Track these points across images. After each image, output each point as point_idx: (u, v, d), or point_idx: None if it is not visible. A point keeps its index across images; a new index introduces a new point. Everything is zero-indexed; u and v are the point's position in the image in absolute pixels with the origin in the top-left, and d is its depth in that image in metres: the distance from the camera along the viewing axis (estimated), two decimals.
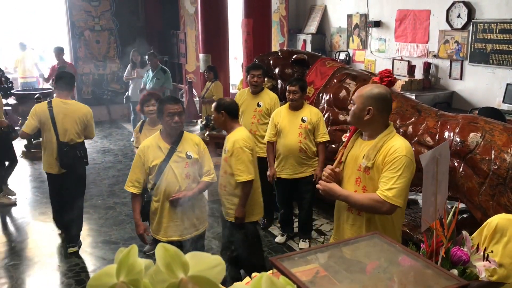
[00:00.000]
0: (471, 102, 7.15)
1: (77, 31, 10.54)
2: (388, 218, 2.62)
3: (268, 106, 5.06)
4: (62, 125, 4.49)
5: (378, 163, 2.53)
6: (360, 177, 2.61)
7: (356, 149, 2.66)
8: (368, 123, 2.58)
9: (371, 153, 2.54)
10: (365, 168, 2.56)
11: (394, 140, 2.55)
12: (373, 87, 2.65)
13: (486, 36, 6.78)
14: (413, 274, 1.45)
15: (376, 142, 2.55)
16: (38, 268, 4.47)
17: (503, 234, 1.91)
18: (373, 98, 2.55)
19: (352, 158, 2.66)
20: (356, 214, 2.65)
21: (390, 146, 2.52)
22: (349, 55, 9.47)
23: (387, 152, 2.50)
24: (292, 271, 1.39)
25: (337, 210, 2.80)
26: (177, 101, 3.40)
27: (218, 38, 8.03)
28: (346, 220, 2.70)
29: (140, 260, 0.78)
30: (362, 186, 2.60)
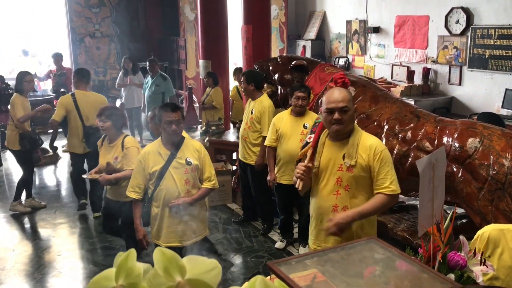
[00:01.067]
0: (470, 107, 7.17)
1: (78, 37, 10.59)
2: None
3: (258, 114, 5.08)
4: (85, 112, 5.45)
5: (362, 162, 2.67)
6: (340, 177, 2.72)
7: (329, 152, 2.76)
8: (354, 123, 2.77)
9: (352, 151, 2.68)
10: (349, 167, 2.68)
11: (367, 138, 2.76)
12: (345, 90, 2.77)
13: (485, 42, 6.81)
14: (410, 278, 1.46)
15: (353, 140, 2.70)
16: (37, 273, 4.47)
17: (496, 245, 1.92)
18: (352, 99, 2.78)
19: (327, 161, 2.74)
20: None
21: (367, 144, 2.70)
22: (349, 61, 9.51)
23: (371, 152, 2.67)
24: (289, 276, 1.40)
25: (319, 214, 2.83)
26: (175, 109, 3.37)
27: (218, 44, 8.06)
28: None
29: (139, 264, 0.80)
30: (345, 185, 2.72)
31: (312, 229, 2.93)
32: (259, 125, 5.05)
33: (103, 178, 4.01)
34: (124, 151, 4.08)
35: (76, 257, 4.80)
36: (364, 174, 2.70)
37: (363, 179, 2.71)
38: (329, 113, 2.66)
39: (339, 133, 2.71)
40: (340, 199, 2.74)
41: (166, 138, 3.40)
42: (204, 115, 7.75)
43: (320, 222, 2.83)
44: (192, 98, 10.17)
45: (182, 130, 3.44)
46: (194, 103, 10.06)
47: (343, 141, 2.73)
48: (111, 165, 4.06)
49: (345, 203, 2.74)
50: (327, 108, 2.67)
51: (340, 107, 2.63)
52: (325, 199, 2.78)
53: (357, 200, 2.74)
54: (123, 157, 4.07)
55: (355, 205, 2.73)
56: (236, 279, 4.37)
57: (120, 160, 4.08)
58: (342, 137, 2.73)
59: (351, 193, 2.73)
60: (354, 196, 2.73)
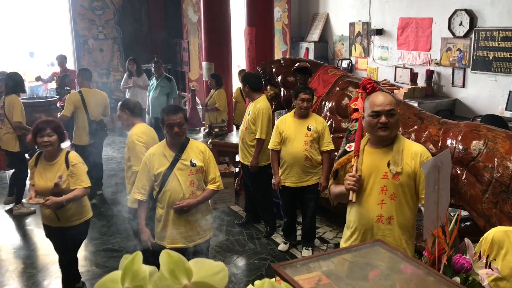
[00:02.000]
0: (473, 109, 7.15)
1: (81, 39, 10.61)
2: (412, 222, 2.66)
3: (254, 115, 5.10)
4: (91, 107, 6.04)
5: (408, 169, 2.55)
6: (385, 185, 2.57)
7: (371, 159, 2.61)
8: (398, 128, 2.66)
9: (397, 158, 2.55)
10: (395, 175, 2.54)
11: (412, 144, 2.66)
12: (388, 94, 2.69)
13: (489, 44, 6.80)
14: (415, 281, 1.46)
15: (397, 147, 2.58)
16: (41, 276, 4.47)
17: (501, 247, 1.91)
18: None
19: (370, 169, 2.60)
20: (387, 224, 2.60)
21: (413, 150, 2.58)
22: (352, 63, 9.50)
23: (417, 158, 2.55)
24: (294, 278, 1.40)
25: (361, 226, 2.67)
26: (177, 111, 3.37)
27: (221, 46, 8.07)
28: (377, 232, 2.62)
29: (145, 266, 0.79)
30: (390, 195, 2.57)
31: (352, 240, 2.74)
32: (254, 126, 5.07)
33: (51, 201, 3.53)
34: (70, 169, 3.65)
35: (79, 259, 4.79)
36: (410, 182, 2.57)
37: (409, 188, 2.58)
38: (375, 117, 2.52)
39: (385, 138, 2.57)
40: (385, 209, 2.59)
41: (170, 140, 3.41)
42: (207, 117, 7.76)
43: (363, 234, 2.67)
44: (195, 100, 10.17)
45: (186, 132, 3.44)
46: (197, 105, 10.06)
47: (386, 148, 2.60)
48: (59, 185, 3.60)
49: (390, 213, 2.59)
50: (373, 111, 2.52)
51: (387, 110, 2.51)
52: (368, 209, 2.62)
53: (403, 209, 2.61)
54: (69, 176, 3.64)
55: (401, 215, 2.60)
56: (239, 281, 4.36)
57: (66, 179, 3.63)
58: (385, 143, 2.60)
59: (397, 202, 2.58)
60: (401, 205, 2.60)
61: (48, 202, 3.52)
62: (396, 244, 2.58)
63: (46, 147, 3.63)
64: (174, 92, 8.40)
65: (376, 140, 2.62)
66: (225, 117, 7.57)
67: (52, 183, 3.58)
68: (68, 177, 3.64)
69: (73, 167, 3.66)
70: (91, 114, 6.06)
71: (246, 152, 5.17)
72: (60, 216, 3.68)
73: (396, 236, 2.61)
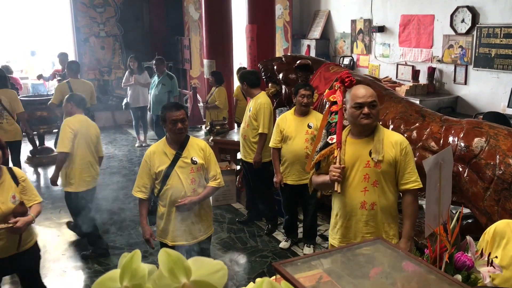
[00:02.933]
0: (475, 107, 7.14)
1: (82, 37, 10.60)
2: (395, 206, 2.85)
3: (255, 111, 5.11)
4: None
5: (389, 157, 2.73)
6: (368, 173, 2.74)
7: (353, 149, 2.79)
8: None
9: (379, 147, 2.72)
10: (376, 163, 2.71)
11: (391, 134, 2.86)
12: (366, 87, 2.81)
13: (491, 41, 6.77)
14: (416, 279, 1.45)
15: (378, 136, 2.75)
16: (44, 274, 4.47)
17: (502, 237, 1.96)
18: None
19: (352, 158, 2.77)
20: (371, 209, 2.78)
21: (393, 139, 2.77)
22: (353, 60, 9.48)
23: (397, 147, 2.75)
24: (295, 276, 1.39)
25: (346, 212, 2.85)
26: (179, 107, 3.38)
27: (222, 44, 8.06)
28: (360, 218, 2.80)
29: (144, 265, 0.79)
30: (373, 182, 2.75)
31: (337, 228, 2.92)
32: (256, 122, 5.06)
33: (22, 222, 3.07)
34: (21, 185, 3.24)
35: (80, 257, 4.80)
36: (391, 169, 2.75)
37: (390, 175, 2.77)
38: (357, 108, 2.70)
39: (368, 127, 2.75)
40: (368, 196, 2.76)
41: (171, 138, 3.41)
42: (209, 114, 7.75)
43: (348, 220, 2.85)
44: (197, 97, 10.17)
45: (188, 129, 3.44)
46: (198, 103, 10.06)
47: (367, 138, 2.77)
48: (24, 206, 3.17)
49: (373, 199, 2.76)
50: (356, 103, 2.70)
51: (369, 101, 2.70)
52: (352, 197, 2.79)
53: (385, 195, 2.78)
54: (21, 193, 3.22)
55: (383, 200, 2.77)
56: (240, 279, 4.36)
57: (19, 198, 3.18)
58: (366, 133, 2.78)
59: (380, 189, 2.76)
60: (383, 191, 2.77)
61: (19, 224, 3.03)
62: (378, 227, 2.80)
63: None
64: (175, 90, 8.42)
65: (358, 130, 2.79)
66: (226, 115, 7.56)
67: (7, 206, 3.07)
68: (21, 194, 3.20)
69: (23, 182, 3.26)
70: None
71: (248, 149, 5.17)
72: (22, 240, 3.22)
73: (378, 221, 2.80)
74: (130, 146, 9.23)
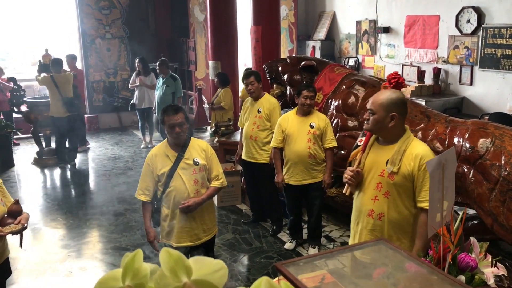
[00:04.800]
0: (481, 107, 7.11)
1: (88, 39, 10.66)
2: (410, 221, 2.66)
3: (267, 111, 5.08)
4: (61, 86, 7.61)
5: (405, 170, 2.56)
6: (381, 182, 2.63)
7: (374, 155, 2.68)
8: (392, 129, 2.61)
9: (396, 158, 2.57)
10: (390, 174, 2.58)
11: (417, 145, 2.61)
12: (390, 93, 2.65)
13: (496, 41, 6.75)
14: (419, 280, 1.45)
15: (399, 146, 2.59)
16: (49, 274, 4.51)
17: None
18: (395, 104, 2.59)
19: (371, 164, 2.68)
20: (377, 220, 2.66)
21: (415, 152, 2.56)
22: (358, 61, 9.47)
23: (416, 161, 2.55)
24: (298, 277, 1.40)
25: (356, 217, 2.80)
26: (177, 111, 3.34)
27: (227, 45, 8.07)
28: (366, 226, 2.72)
29: (146, 264, 0.80)
30: (384, 192, 2.63)
31: (351, 229, 2.88)
32: (269, 122, 5.06)
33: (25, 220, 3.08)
34: (0, 188, 3.15)
35: (86, 257, 4.83)
36: (406, 183, 2.58)
37: (405, 188, 2.60)
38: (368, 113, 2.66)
39: (372, 132, 2.69)
40: (377, 205, 2.65)
41: (172, 140, 3.41)
42: (214, 116, 7.77)
43: (356, 225, 2.79)
44: (202, 99, 10.19)
45: (187, 131, 3.43)
46: (204, 104, 10.08)
47: (391, 145, 2.63)
48: (19, 204, 3.14)
49: (381, 210, 2.64)
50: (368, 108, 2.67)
51: (368, 108, 2.64)
52: (363, 203, 2.72)
53: (397, 209, 2.62)
54: (3, 197, 3.13)
55: (393, 213, 2.62)
56: (245, 279, 4.37)
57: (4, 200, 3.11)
58: (390, 140, 2.64)
59: (391, 201, 2.62)
60: (394, 204, 2.62)
61: (23, 221, 3.04)
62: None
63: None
64: (179, 91, 8.45)
65: (381, 136, 2.69)
66: (231, 116, 7.57)
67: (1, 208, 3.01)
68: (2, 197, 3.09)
69: (1, 185, 3.15)
70: (62, 92, 7.59)
71: (260, 149, 5.11)
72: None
73: (384, 233, 2.65)
74: (136, 147, 9.26)
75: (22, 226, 3.01)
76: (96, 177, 7.56)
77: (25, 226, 3.04)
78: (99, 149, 9.10)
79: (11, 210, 3.06)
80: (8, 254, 3.21)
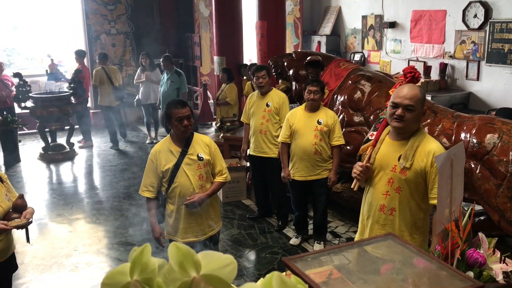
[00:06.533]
0: (488, 103, 7.06)
1: (93, 34, 10.66)
2: (421, 216, 2.66)
3: (277, 105, 5.07)
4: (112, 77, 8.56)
5: (418, 166, 2.54)
6: (393, 178, 2.61)
7: (386, 150, 2.65)
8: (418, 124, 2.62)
9: (409, 153, 2.55)
10: (403, 169, 2.56)
11: (430, 142, 2.59)
12: (418, 88, 2.61)
13: (504, 36, 6.69)
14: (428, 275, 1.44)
15: (412, 142, 2.57)
16: (56, 268, 4.52)
17: None
18: (425, 99, 2.61)
19: (383, 159, 2.65)
20: (389, 214, 2.65)
21: (428, 148, 2.55)
22: (364, 56, 9.43)
23: (429, 157, 2.52)
24: (305, 272, 1.39)
25: (366, 211, 2.77)
26: (184, 104, 3.36)
27: (233, 40, 8.05)
28: (377, 220, 2.71)
29: (154, 259, 0.79)
30: (396, 187, 2.61)
31: (360, 223, 2.87)
32: (278, 116, 5.05)
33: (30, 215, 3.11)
34: (5, 183, 3.17)
35: (92, 252, 4.84)
36: (418, 179, 2.57)
37: (416, 184, 2.58)
38: (393, 107, 2.55)
39: (399, 130, 2.59)
40: (388, 200, 2.64)
41: (177, 135, 3.40)
42: (219, 111, 7.76)
43: (367, 219, 2.78)
44: (207, 94, 10.18)
45: (193, 125, 3.43)
46: (209, 100, 10.07)
47: (403, 141, 2.60)
48: (24, 199, 3.15)
49: (393, 205, 2.63)
50: (393, 102, 2.55)
51: (405, 104, 2.50)
52: (374, 197, 2.71)
53: (408, 204, 2.62)
54: (8, 192, 3.15)
55: (404, 208, 2.62)
56: (250, 275, 4.37)
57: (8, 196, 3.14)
58: (403, 136, 2.61)
59: (402, 196, 2.61)
60: (406, 200, 2.61)
61: (29, 216, 3.07)
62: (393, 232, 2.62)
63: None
64: (183, 87, 8.44)
65: (394, 131, 2.64)
66: (236, 111, 7.56)
67: (5, 204, 3.04)
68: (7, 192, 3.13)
69: (6, 180, 3.19)
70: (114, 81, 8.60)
71: (270, 144, 5.09)
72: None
73: (396, 228, 2.64)
74: (141, 143, 9.28)
75: (27, 220, 3.03)
76: (102, 172, 7.57)
77: (30, 221, 3.06)
78: (105, 144, 9.12)
79: (16, 204, 3.08)
80: (14, 249, 3.24)
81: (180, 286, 0.74)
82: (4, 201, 3.04)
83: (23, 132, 9.13)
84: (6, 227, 2.91)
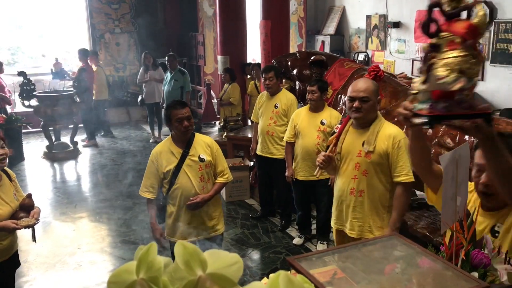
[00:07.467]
0: (492, 103, 7.03)
1: (98, 33, 10.69)
2: (387, 196, 2.97)
3: (285, 107, 5.07)
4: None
5: (380, 149, 2.88)
6: (359, 162, 2.93)
7: (351, 138, 2.97)
8: (374, 113, 2.94)
9: (371, 138, 2.89)
10: (367, 153, 2.89)
11: (389, 127, 2.95)
12: (370, 80, 2.98)
13: (508, 36, 6.67)
14: (432, 275, 1.44)
15: (373, 128, 2.91)
16: (59, 267, 4.54)
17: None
18: (378, 90, 2.95)
19: (349, 147, 2.97)
20: (358, 196, 2.97)
21: (388, 132, 2.90)
22: (368, 56, 9.41)
23: (390, 140, 2.88)
24: (309, 271, 1.39)
25: (339, 196, 3.07)
26: (183, 105, 3.35)
27: (236, 40, 8.05)
28: (349, 204, 3.01)
29: (159, 257, 0.79)
30: (363, 171, 2.93)
31: (333, 209, 3.17)
32: (286, 118, 5.04)
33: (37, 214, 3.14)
34: (14, 183, 3.17)
35: (96, 251, 4.86)
36: (382, 161, 2.90)
37: (381, 166, 2.91)
38: (350, 101, 2.88)
39: (358, 120, 2.92)
40: (357, 183, 2.95)
41: (178, 136, 3.38)
42: (222, 111, 7.76)
43: (340, 204, 3.08)
44: (211, 94, 10.18)
45: (193, 126, 3.42)
46: (212, 99, 10.07)
47: (365, 129, 2.93)
48: (31, 198, 3.16)
49: (361, 187, 2.95)
50: (349, 96, 2.88)
51: (361, 96, 2.84)
52: (344, 183, 3.01)
53: (375, 185, 2.93)
54: (16, 191, 3.15)
55: (371, 190, 2.93)
56: (254, 274, 4.37)
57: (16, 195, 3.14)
58: (364, 125, 2.93)
59: (369, 178, 2.92)
60: (372, 181, 2.93)
61: (37, 216, 3.10)
62: (365, 214, 2.97)
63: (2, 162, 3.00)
64: (187, 86, 8.45)
65: (354, 121, 2.97)
66: (240, 111, 7.56)
67: (14, 203, 3.05)
68: (16, 192, 3.13)
69: (15, 179, 3.19)
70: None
71: (276, 145, 5.09)
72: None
73: (365, 208, 2.96)
74: (145, 142, 9.29)
75: (36, 220, 3.07)
76: (105, 171, 7.59)
77: (38, 221, 3.11)
78: (108, 143, 9.14)
79: (24, 204, 3.11)
80: (17, 247, 3.26)
81: (186, 285, 0.74)
82: (13, 201, 3.06)
83: (27, 131, 9.16)
84: (17, 226, 2.96)
